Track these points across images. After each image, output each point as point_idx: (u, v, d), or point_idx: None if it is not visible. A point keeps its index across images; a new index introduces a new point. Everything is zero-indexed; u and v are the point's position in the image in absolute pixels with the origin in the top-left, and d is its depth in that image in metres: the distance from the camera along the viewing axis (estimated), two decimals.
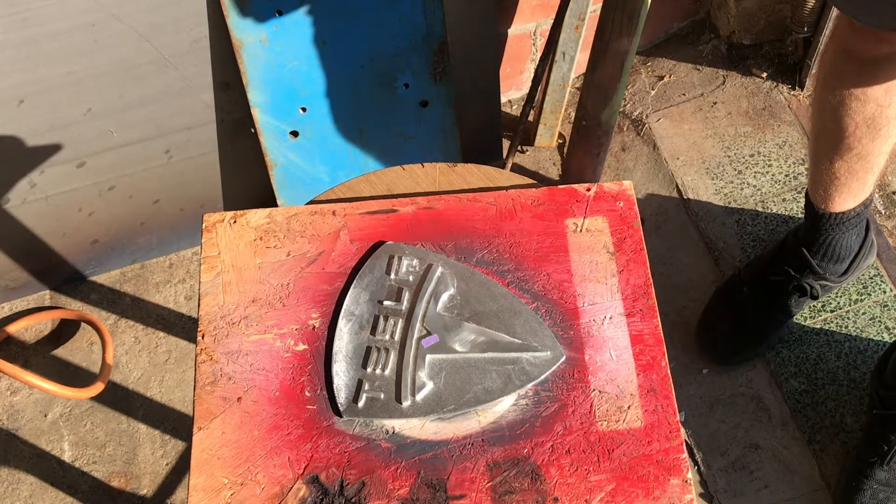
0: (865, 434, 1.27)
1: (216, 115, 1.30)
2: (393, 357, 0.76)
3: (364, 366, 0.76)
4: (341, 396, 0.74)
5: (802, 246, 1.30)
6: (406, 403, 0.74)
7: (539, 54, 1.56)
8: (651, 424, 0.73)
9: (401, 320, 0.77)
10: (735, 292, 1.38)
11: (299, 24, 1.21)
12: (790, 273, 1.32)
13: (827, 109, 1.14)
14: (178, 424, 1.40)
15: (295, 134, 1.33)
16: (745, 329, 1.36)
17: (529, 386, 0.75)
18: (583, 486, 0.70)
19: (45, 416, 1.41)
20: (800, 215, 1.50)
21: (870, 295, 1.42)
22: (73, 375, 1.44)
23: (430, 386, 0.74)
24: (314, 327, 0.78)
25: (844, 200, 1.23)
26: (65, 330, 1.49)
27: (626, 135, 1.64)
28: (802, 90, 1.65)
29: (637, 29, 1.21)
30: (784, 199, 1.53)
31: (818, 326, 1.40)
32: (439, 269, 0.80)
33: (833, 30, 1.07)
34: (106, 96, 1.21)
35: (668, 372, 0.75)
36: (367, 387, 0.74)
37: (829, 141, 1.17)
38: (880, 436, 1.23)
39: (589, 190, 0.84)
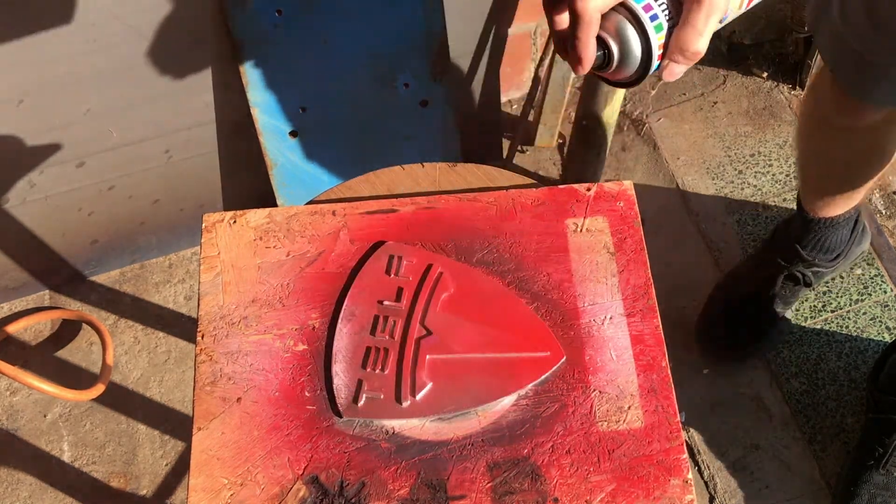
0: (861, 438, 1.27)
1: (216, 115, 1.30)
2: (393, 357, 0.76)
3: (364, 366, 0.75)
4: (341, 396, 0.74)
5: (795, 241, 1.32)
6: (406, 403, 0.73)
7: (539, 54, 1.56)
8: (651, 425, 0.73)
9: (401, 320, 0.77)
10: (730, 290, 1.39)
11: (299, 24, 1.21)
12: (781, 264, 1.34)
13: (810, 147, 1.18)
14: (177, 425, 1.40)
15: (295, 134, 1.33)
16: (744, 326, 1.36)
17: (529, 386, 0.75)
18: (583, 487, 0.70)
19: (45, 416, 1.41)
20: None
21: (870, 295, 1.42)
22: (72, 375, 1.44)
23: (430, 386, 0.74)
24: (314, 327, 0.78)
25: (834, 210, 1.25)
26: (64, 330, 1.49)
27: (626, 135, 1.64)
28: (803, 90, 1.65)
29: None
30: (785, 199, 1.53)
31: (819, 327, 1.40)
32: (439, 269, 0.79)
33: (812, 94, 1.08)
34: (106, 96, 1.21)
35: (669, 372, 0.75)
36: (366, 387, 0.74)
37: (814, 170, 1.21)
38: (876, 439, 1.23)
39: (589, 190, 0.84)
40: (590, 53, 0.59)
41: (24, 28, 1.08)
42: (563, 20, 0.61)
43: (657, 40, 0.60)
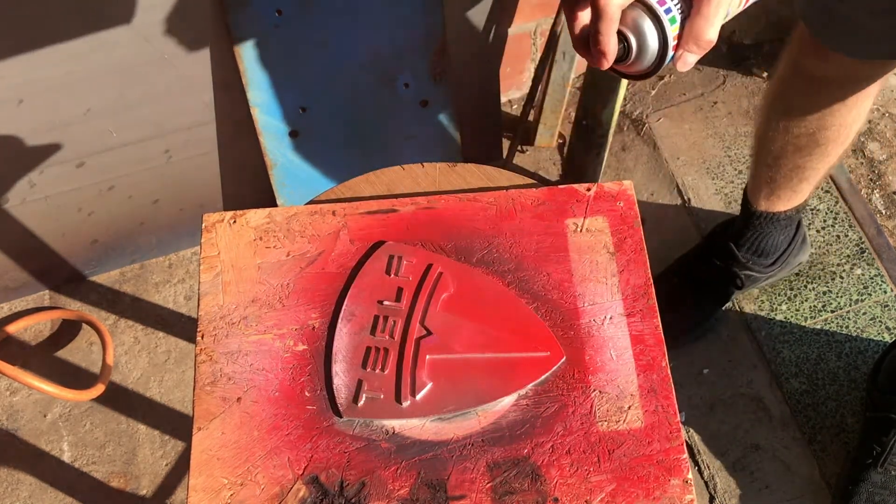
0: (860, 437, 1.27)
1: (216, 115, 1.30)
2: (393, 357, 0.76)
3: (364, 366, 0.75)
4: (341, 396, 0.74)
5: (730, 239, 1.34)
6: (406, 403, 0.73)
7: (539, 54, 1.56)
8: (651, 425, 0.73)
9: (400, 320, 0.77)
10: (665, 282, 1.40)
11: (299, 24, 1.21)
12: (716, 263, 1.36)
13: (772, 118, 1.17)
14: (177, 424, 1.40)
15: (295, 134, 1.33)
16: (674, 317, 1.37)
17: (529, 386, 0.75)
18: (583, 487, 0.70)
19: (45, 416, 1.41)
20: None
21: (870, 295, 1.42)
22: (72, 376, 1.44)
23: (430, 386, 0.74)
24: (314, 327, 0.78)
25: (776, 203, 1.27)
26: (64, 330, 1.49)
27: (626, 134, 1.64)
28: None
29: None
30: None
31: (818, 327, 1.40)
32: (439, 269, 0.79)
33: (790, 42, 1.09)
34: (106, 96, 1.21)
35: (669, 372, 0.75)
36: (366, 387, 0.74)
37: (769, 147, 1.20)
38: (874, 438, 1.24)
39: (589, 190, 0.84)
40: (612, 47, 0.63)
41: (24, 28, 1.08)
42: (584, 17, 0.65)
43: (672, 32, 0.64)
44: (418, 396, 0.74)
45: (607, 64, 0.64)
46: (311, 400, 0.75)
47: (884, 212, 1.53)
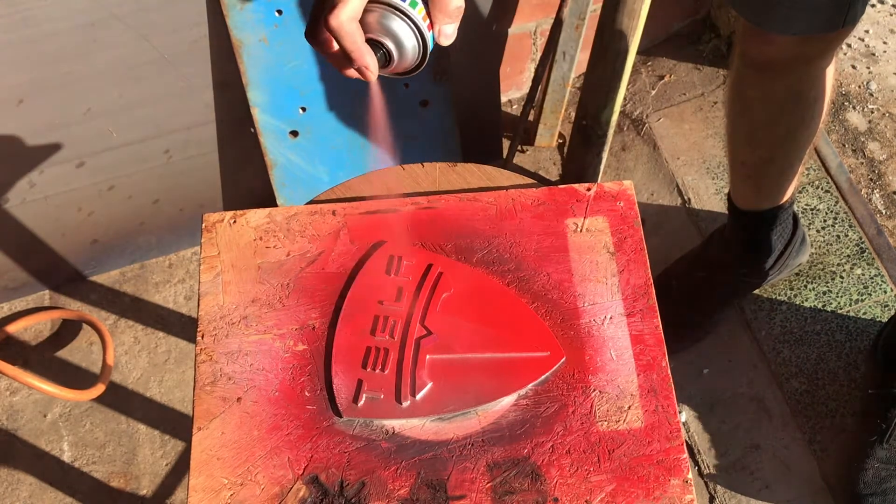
0: (862, 415, 1.27)
1: (216, 115, 1.30)
2: (393, 357, 0.76)
3: (364, 366, 0.75)
4: (341, 396, 0.74)
5: (727, 241, 1.33)
6: (406, 403, 0.73)
7: (539, 54, 1.56)
8: (651, 425, 0.73)
9: (401, 320, 0.77)
10: (664, 286, 1.39)
11: (299, 23, 1.21)
12: (715, 265, 1.35)
13: (734, 116, 1.17)
14: (177, 424, 1.40)
15: (295, 134, 1.33)
16: (673, 322, 1.37)
17: (529, 386, 0.75)
18: (583, 487, 0.70)
19: (45, 416, 1.41)
20: (799, 215, 1.50)
21: (870, 295, 1.42)
22: (72, 376, 1.44)
23: (430, 386, 0.74)
24: (314, 327, 0.78)
25: (759, 200, 1.25)
26: (64, 330, 1.49)
27: (626, 134, 1.64)
28: None
29: (637, 28, 1.21)
30: None
31: (818, 327, 1.40)
32: (439, 270, 0.79)
33: (737, 39, 1.09)
34: (106, 96, 1.21)
35: (669, 372, 0.75)
36: (366, 387, 0.74)
37: (738, 142, 1.19)
38: (877, 414, 1.24)
39: (589, 190, 0.84)
40: (369, 59, 0.61)
41: (24, 28, 1.08)
42: (331, 42, 0.62)
43: (420, 15, 0.62)
44: (418, 396, 0.74)
45: (374, 75, 0.62)
46: (311, 400, 0.75)
47: (884, 212, 1.53)
